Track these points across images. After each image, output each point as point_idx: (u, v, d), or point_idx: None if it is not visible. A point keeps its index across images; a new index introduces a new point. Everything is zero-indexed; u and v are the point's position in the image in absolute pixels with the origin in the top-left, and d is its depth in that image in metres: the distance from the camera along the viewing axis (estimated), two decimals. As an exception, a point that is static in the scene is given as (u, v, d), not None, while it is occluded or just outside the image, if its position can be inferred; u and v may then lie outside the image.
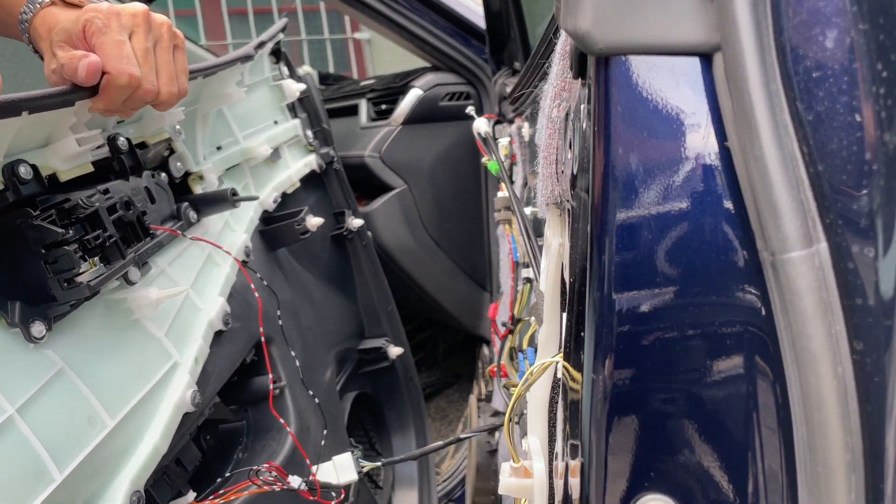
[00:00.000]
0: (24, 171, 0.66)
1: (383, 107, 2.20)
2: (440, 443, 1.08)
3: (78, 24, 0.73)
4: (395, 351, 1.55)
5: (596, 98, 0.40)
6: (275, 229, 1.22)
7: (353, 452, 0.99)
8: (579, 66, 0.44)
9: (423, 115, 2.13)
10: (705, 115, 0.38)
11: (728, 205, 0.37)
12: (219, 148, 1.14)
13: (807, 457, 0.35)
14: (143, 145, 0.91)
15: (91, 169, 0.78)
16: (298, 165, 1.39)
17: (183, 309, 0.89)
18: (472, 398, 1.81)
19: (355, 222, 1.53)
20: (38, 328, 0.65)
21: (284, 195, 1.31)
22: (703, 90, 0.38)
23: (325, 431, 1.16)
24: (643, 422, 0.38)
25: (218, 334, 0.95)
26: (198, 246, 0.97)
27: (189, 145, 1.02)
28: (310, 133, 1.46)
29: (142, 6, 0.77)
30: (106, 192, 0.76)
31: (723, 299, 0.37)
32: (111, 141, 0.81)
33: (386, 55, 4.98)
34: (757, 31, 0.35)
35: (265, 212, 1.23)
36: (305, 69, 2.70)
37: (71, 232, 0.68)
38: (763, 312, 0.36)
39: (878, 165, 0.34)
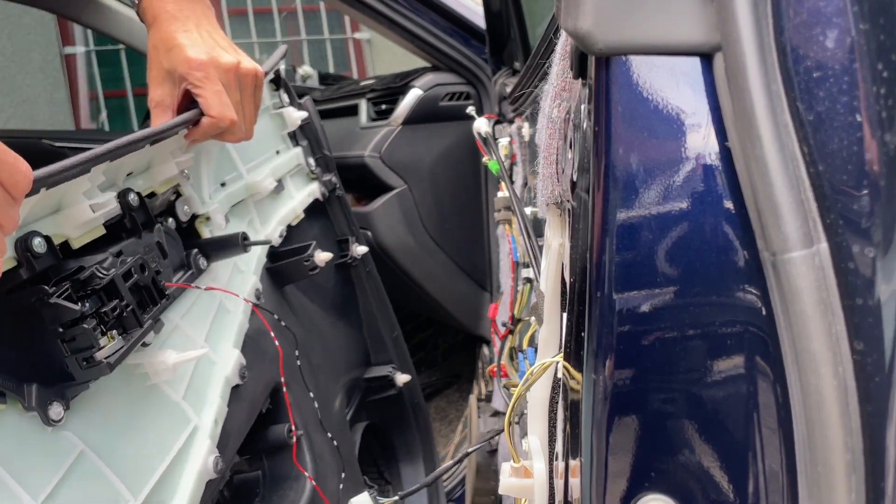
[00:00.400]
0: (38, 245, 0.63)
1: (383, 107, 2.20)
2: (449, 463, 1.06)
3: (177, 74, 0.85)
4: (402, 378, 1.53)
5: (596, 98, 0.40)
6: (283, 266, 1.18)
7: (369, 492, 0.97)
8: (580, 66, 0.44)
9: (423, 115, 2.13)
10: (706, 115, 0.38)
11: (728, 205, 0.37)
12: (223, 184, 1.11)
13: (807, 457, 0.35)
14: (151, 195, 0.88)
15: (103, 232, 0.75)
16: (302, 196, 1.36)
17: (199, 367, 0.86)
18: (472, 398, 1.81)
19: (359, 249, 1.50)
20: (56, 410, 0.62)
21: (289, 227, 1.28)
22: (703, 90, 0.38)
23: (343, 475, 1.15)
24: (643, 422, 0.38)
25: (234, 388, 0.92)
26: (209, 294, 0.94)
27: (194, 185, 0.99)
28: (312, 161, 1.44)
29: (232, 62, 0.88)
30: (119, 254, 0.72)
31: (723, 299, 0.37)
32: (121, 197, 0.77)
33: (386, 55, 4.98)
34: (757, 31, 0.35)
35: (271, 247, 1.20)
36: (306, 69, 2.71)
37: (87, 305, 0.65)
38: (763, 312, 0.36)
39: (879, 165, 0.34)
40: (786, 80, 0.35)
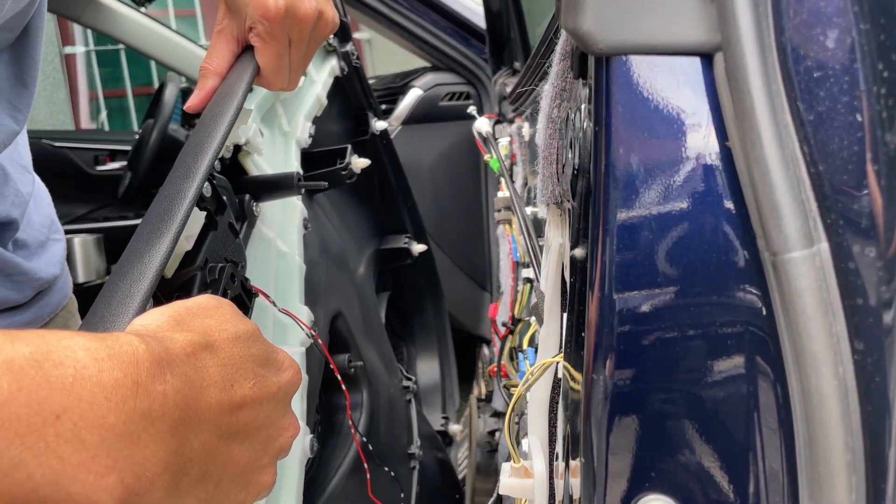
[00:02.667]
0: None
1: (383, 106, 2.20)
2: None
3: (247, 10, 0.71)
4: (418, 248, 1.53)
5: (596, 98, 0.40)
6: (318, 177, 1.04)
7: None
8: (580, 65, 0.44)
9: (423, 115, 2.13)
10: (706, 115, 0.38)
11: (729, 205, 0.37)
12: (251, 89, 1.04)
13: (808, 457, 0.35)
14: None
15: (189, 247, 0.67)
16: (323, 77, 1.23)
17: (276, 340, 0.82)
18: (472, 398, 1.81)
19: (379, 125, 1.40)
20: None
21: (314, 119, 1.17)
22: (703, 90, 0.38)
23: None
24: (644, 422, 0.38)
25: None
26: (264, 240, 0.87)
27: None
28: None
29: (311, 12, 0.73)
30: (206, 264, 0.65)
31: (723, 299, 0.37)
32: None
33: (386, 55, 4.97)
34: (758, 31, 0.35)
35: (303, 150, 1.10)
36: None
37: None
38: (764, 312, 0.36)
39: (879, 165, 0.34)
40: (786, 79, 0.35)
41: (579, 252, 0.44)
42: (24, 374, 0.33)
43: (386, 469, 0.99)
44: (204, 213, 0.68)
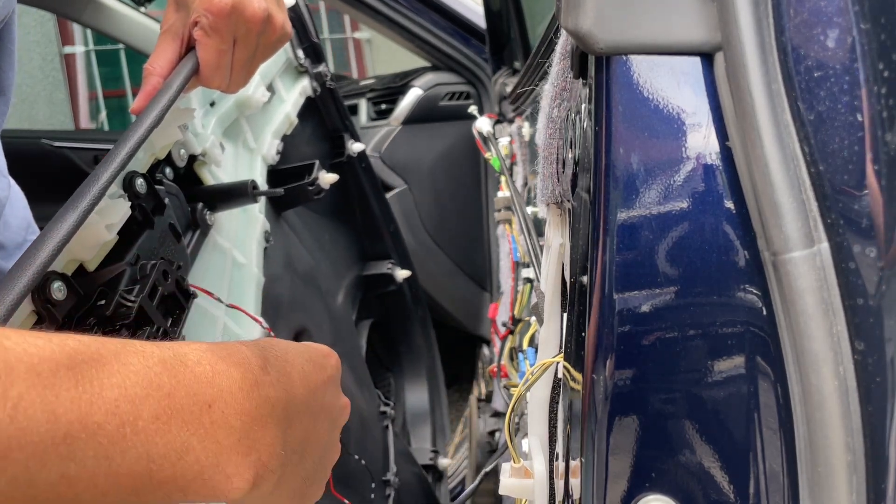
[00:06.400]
0: (57, 290, 0.55)
1: (383, 106, 2.20)
2: (474, 485, 1.06)
3: (193, 4, 0.70)
4: (402, 274, 1.51)
5: (597, 98, 0.40)
6: (286, 192, 1.02)
7: None
8: (580, 65, 0.44)
9: (423, 114, 2.13)
10: (706, 115, 0.38)
11: (729, 205, 0.37)
12: (212, 104, 0.96)
13: (808, 457, 0.35)
14: (153, 166, 0.77)
15: (116, 240, 0.65)
16: (294, 97, 1.22)
17: (225, 338, 0.82)
18: (472, 398, 1.81)
19: (355, 147, 1.39)
20: None
21: (284, 138, 1.15)
22: (703, 90, 0.38)
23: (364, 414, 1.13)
24: (644, 422, 0.38)
25: None
26: (219, 249, 0.87)
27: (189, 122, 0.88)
28: (300, 52, 1.25)
29: (260, 13, 0.71)
30: (137, 260, 0.64)
31: (724, 299, 0.37)
32: (128, 187, 0.67)
33: (386, 55, 4.98)
34: (758, 31, 0.35)
35: (270, 167, 1.07)
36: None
37: None
38: (764, 312, 0.36)
39: (879, 165, 0.34)
40: (786, 79, 0.35)
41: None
42: (177, 371, 0.38)
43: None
44: (128, 204, 0.67)
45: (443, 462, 1.63)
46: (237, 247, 0.93)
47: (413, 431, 1.64)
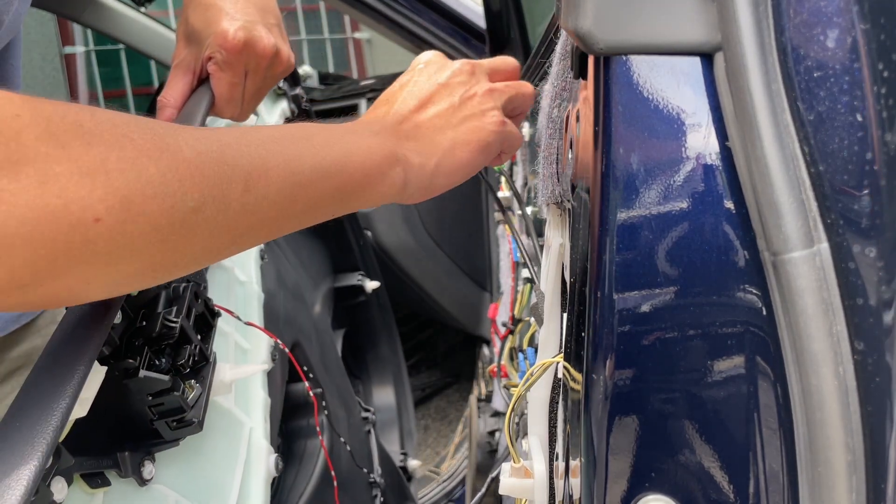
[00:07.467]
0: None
1: (383, 107, 2.19)
2: (483, 490, 1.05)
3: (206, 41, 0.75)
4: (371, 285, 1.56)
5: (596, 98, 0.40)
6: None
7: None
8: (580, 65, 0.44)
9: (423, 114, 2.12)
10: (706, 115, 0.38)
11: (729, 205, 0.37)
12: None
13: (808, 457, 0.35)
14: None
15: None
16: (274, 118, 1.27)
17: (238, 362, 0.83)
18: (472, 398, 1.81)
19: None
20: (148, 470, 0.60)
21: None
22: (703, 90, 0.38)
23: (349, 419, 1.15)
24: (644, 422, 0.38)
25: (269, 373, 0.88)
26: (220, 268, 0.89)
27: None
28: None
29: (270, 48, 0.76)
30: (168, 284, 0.66)
31: (723, 299, 0.37)
32: None
33: (386, 55, 4.97)
34: (758, 31, 0.35)
35: None
36: (305, 69, 2.71)
37: (163, 361, 0.60)
38: (764, 312, 0.36)
39: (880, 165, 0.34)
40: (786, 79, 0.35)
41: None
42: (355, 125, 0.59)
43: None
44: None
45: (412, 463, 1.72)
46: (237, 265, 0.96)
47: (382, 435, 1.70)
